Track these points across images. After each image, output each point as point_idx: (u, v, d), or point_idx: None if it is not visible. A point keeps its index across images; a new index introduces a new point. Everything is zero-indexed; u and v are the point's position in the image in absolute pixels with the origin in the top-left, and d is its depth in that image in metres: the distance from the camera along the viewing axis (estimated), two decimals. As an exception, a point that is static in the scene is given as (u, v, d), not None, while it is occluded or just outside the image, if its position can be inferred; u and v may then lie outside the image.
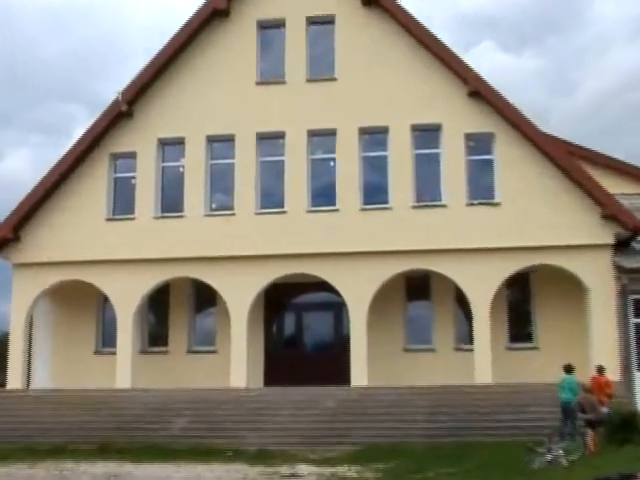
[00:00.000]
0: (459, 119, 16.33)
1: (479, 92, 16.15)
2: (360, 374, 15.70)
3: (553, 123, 39.99)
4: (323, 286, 16.51)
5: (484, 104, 16.22)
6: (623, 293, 15.32)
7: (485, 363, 15.41)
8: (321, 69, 16.96)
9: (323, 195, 16.64)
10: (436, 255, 15.94)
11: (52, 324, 17.79)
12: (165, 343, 17.57)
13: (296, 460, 13.04)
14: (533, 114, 15.94)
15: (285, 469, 12.11)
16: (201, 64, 17.16)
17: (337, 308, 16.99)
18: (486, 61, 45.09)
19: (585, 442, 11.86)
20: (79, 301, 17.69)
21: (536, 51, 51.15)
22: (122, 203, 17.16)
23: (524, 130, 16.00)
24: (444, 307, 16.94)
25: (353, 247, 16.17)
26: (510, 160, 16.13)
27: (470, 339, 16.04)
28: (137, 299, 16.59)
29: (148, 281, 16.60)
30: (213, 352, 17.22)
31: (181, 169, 17.13)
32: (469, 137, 16.33)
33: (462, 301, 16.27)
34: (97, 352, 17.73)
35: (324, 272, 16.16)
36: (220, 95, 16.96)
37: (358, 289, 16.03)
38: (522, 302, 17.09)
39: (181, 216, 16.78)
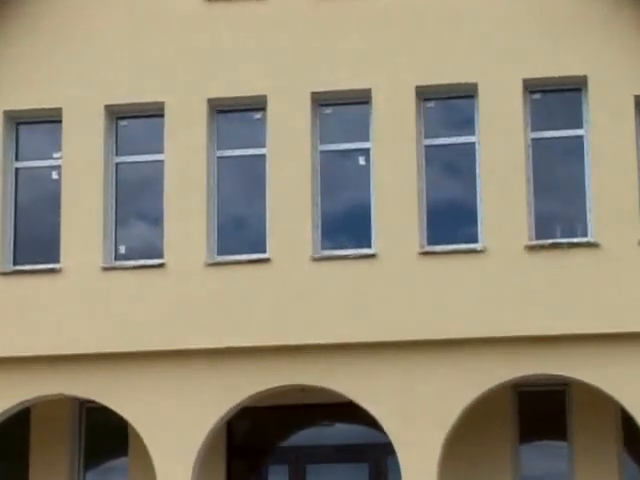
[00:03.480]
0: (623, 68, 14.21)
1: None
2: None
3: None
4: (346, 412, 14.55)
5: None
6: None
7: None
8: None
9: (345, 226, 14.81)
10: (579, 347, 13.63)
11: None
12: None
13: None
14: None
15: None
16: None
17: (376, 457, 15.24)
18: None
19: None
20: None
21: None
22: None
23: None
24: (598, 453, 14.78)
25: (407, 332, 13.81)
26: None
27: (655, 518, 14.13)
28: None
29: (-13, 407, 13.98)
30: None
31: (55, 174, 15.06)
32: (646, 103, 13.86)
33: (636, 441, 14.39)
34: None
35: (347, 384, 13.90)
36: (133, 25, 15.16)
37: (419, 417, 13.71)
38: None
39: (54, 270, 14.64)
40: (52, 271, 14.55)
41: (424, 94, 14.55)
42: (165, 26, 15.25)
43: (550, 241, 14.00)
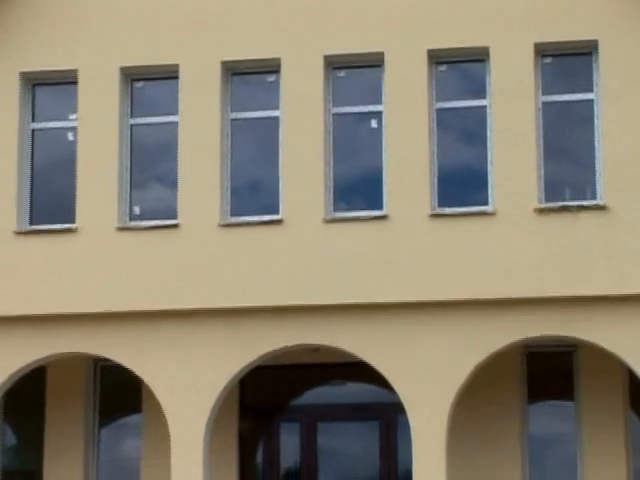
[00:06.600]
0: (635, 32, 14.11)
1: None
2: None
3: None
4: (357, 371, 14.67)
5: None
6: None
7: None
8: None
9: (357, 189, 14.80)
10: (588, 309, 13.61)
11: None
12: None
13: None
14: None
15: None
16: None
17: (386, 416, 15.27)
18: None
19: None
20: None
21: None
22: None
23: None
24: (605, 414, 14.79)
25: (417, 293, 13.88)
26: None
27: (663, 480, 13.67)
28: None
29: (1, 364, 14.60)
30: (134, 506, 15.06)
31: (70, 136, 15.10)
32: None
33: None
34: None
35: (358, 344, 13.98)
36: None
37: (429, 377, 13.80)
38: None
39: (70, 230, 14.63)
40: (68, 231, 14.63)
41: (436, 57, 14.51)
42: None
43: (560, 204, 13.97)
